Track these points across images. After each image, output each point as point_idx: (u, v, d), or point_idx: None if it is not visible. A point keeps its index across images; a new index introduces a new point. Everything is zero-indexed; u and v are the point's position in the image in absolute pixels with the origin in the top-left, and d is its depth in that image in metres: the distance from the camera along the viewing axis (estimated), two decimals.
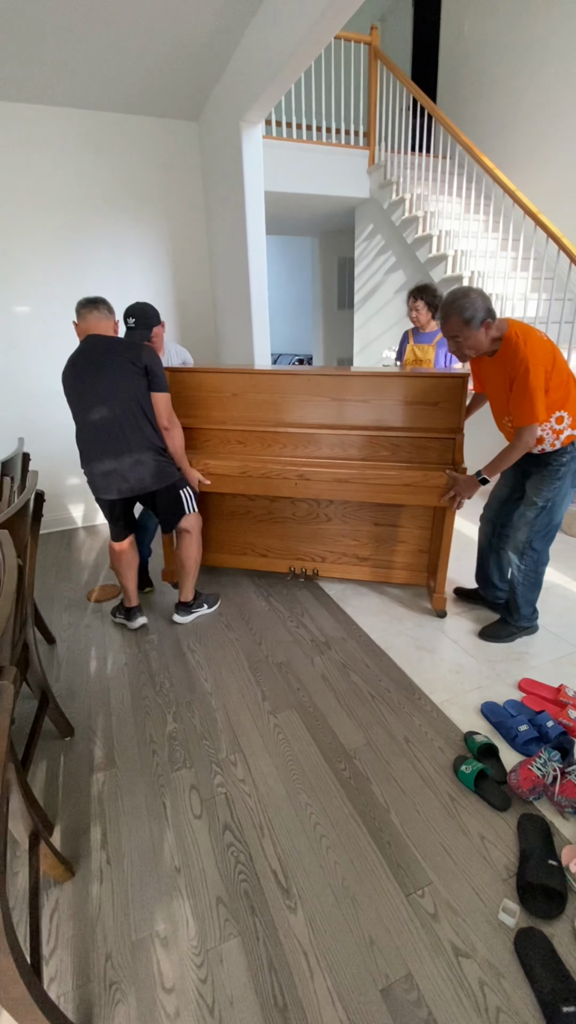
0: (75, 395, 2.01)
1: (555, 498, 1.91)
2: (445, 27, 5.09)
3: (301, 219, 5.64)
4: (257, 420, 2.44)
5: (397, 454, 2.29)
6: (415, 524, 2.49)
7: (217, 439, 2.46)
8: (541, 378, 1.72)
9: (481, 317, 1.73)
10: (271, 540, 2.71)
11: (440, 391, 2.23)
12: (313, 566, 2.67)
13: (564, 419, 1.81)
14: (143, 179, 3.44)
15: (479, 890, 1.24)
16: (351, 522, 2.56)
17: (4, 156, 3.07)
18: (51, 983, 1.11)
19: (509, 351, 1.76)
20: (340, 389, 2.34)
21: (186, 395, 2.50)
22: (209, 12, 2.28)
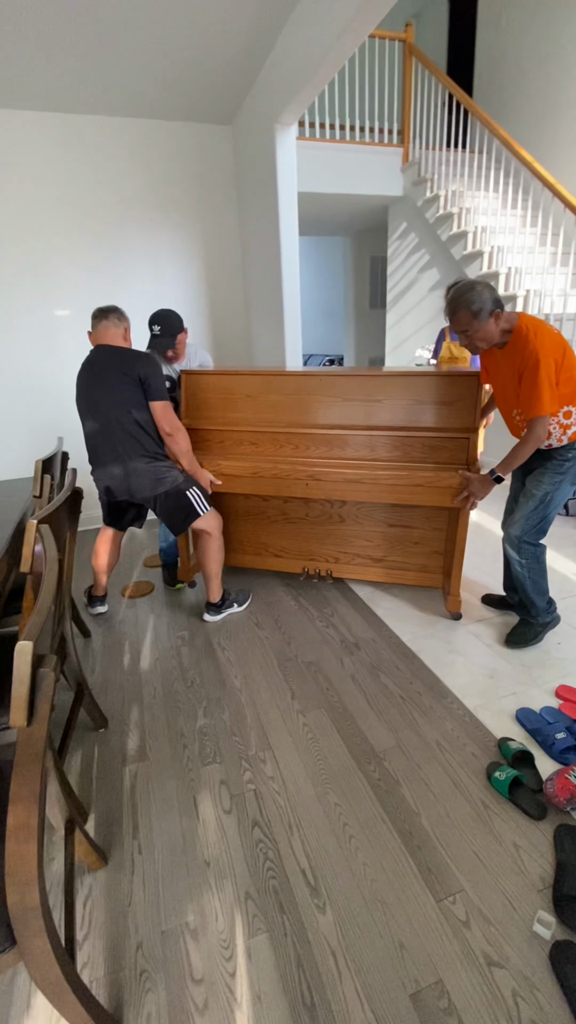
0: (80, 404, 2.13)
1: (554, 492, 1.89)
2: (482, 20, 5.00)
3: (334, 219, 5.63)
4: (270, 421, 2.45)
5: (409, 454, 2.27)
6: (430, 525, 2.46)
7: (230, 440, 2.49)
8: (552, 370, 1.70)
9: (489, 308, 1.72)
10: (285, 540, 2.72)
11: (454, 390, 2.20)
12: (327, 567, 2.67)
13: (573, 414, 1.78)
14: (177, 183, 3.51)
15: (512, 900, 1.21)
16: (365, 523, 2.55)
17: (45, 164, 3.18)
18: (84, 968, 1.13)
19: (520, 343, 1.74)
20: (352, 389, 2.32)
21: (201, 397, 2.53)
22: (244, 19, 2.31)
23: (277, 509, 2.67)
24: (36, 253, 3.32)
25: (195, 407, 2.54)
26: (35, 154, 3.15)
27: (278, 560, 2.75)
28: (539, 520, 1.93)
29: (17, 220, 3.22)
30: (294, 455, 2.39)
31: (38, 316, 3.43)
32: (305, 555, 2.70)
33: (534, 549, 2.00)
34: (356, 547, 2.60)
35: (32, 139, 3.12)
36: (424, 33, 5.93)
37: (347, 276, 7.03)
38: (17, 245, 3.26)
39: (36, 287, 3.37)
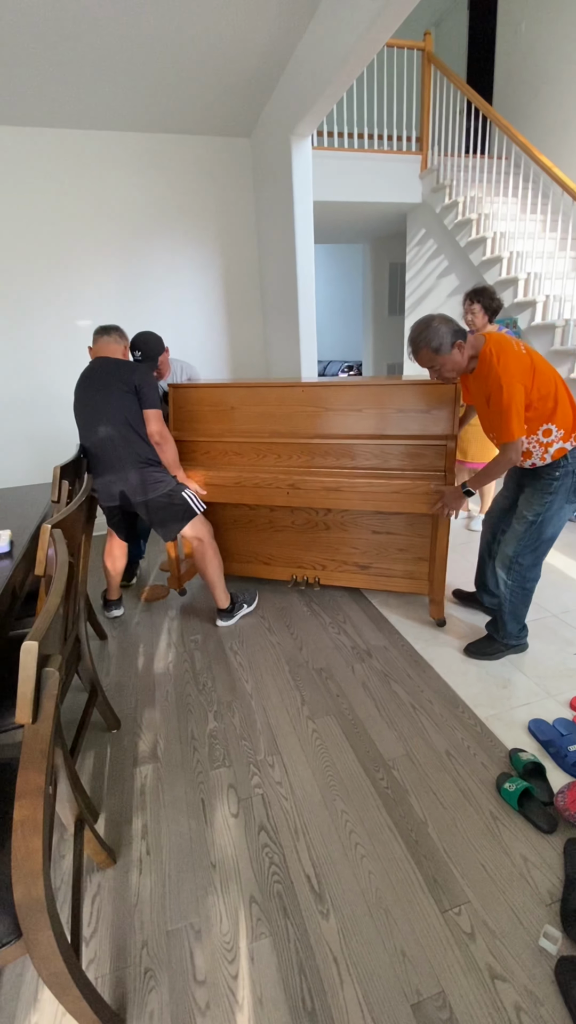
0: (78, 413, 2.19)
1: (546, 514, 1.83)
2: (502, 27, 4.99)
3: (352, 226, 5.66)
4: (253, 432, 2.50)
5: (388, 462, 2.29)
6: (414, 532, 2.46)
7: (216, 451, 2.54)
8: (518, 395, 1.67)
9: (449, 341, 1.72)
10: (273, 548, 2.75)
11: (432, 399, 2.23)
12: (315, 574, 2.68)
13: (552, 432, 1.74)
14: (197, 195, 3.58)
15: (519, 913, 1.19)
16: (350, 530, 2.56)
17: (68, 179, 3.28)
18: (90, 964, 1.16)
19: (484, 369, 1.73)
20: (334, 399, 2.37)
21: (188, 409, 2.59)
22: (261, 36, 2.36)
23: (264, 518, 2.70)
24: (60, 265, 3.42)
25: (183, 419, 2.62)
26: (60, 170, 3.26)
27: (267, 568, 2.79)
28: (534, 542, 1.87)
29: (43, 233, 3.33)
30: (276, 464, 2.43)
31: (61, 328, 3.53)
32: (293, 563, 2.73)
33: (524, 571, 1.93)
34: (343, 554, 2.62)
35: (58, 156, 3.23)
36: (444, 41, 5.94)
37: (365, 283, 7.05)
38: (43, 257, 3.37)
39: (59, 298, 3.48)
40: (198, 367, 3.69)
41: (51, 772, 0.92)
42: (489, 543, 2.24)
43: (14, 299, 3.40)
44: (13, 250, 3.31)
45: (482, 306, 2.76)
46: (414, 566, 2.50)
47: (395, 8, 1.81)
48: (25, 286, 3.39)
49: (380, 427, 2.32)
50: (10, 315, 3.43)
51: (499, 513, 2.16)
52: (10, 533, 1.64)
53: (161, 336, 2.51)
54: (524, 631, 2.10)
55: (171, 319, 3.78)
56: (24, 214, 3.27)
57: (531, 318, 3.72)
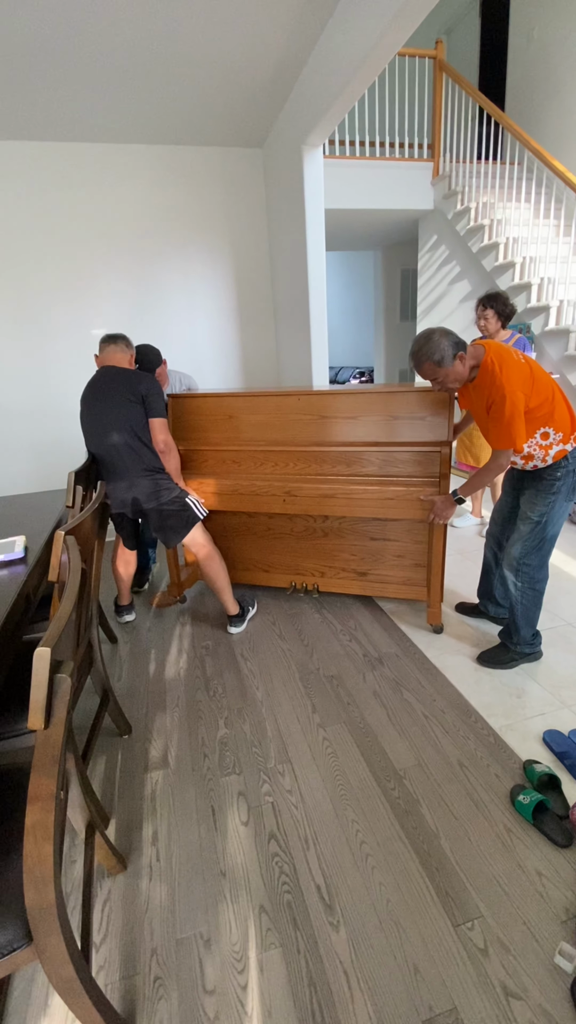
0: (84, 420, 2.22)
1: (549, 513, 1.86)
2: (514, 33, 4.99)
3: (364, 233, 5.67)
4: (251, 440, 2.53)
5: (384, 468, 2.30)
6: (411, 539, 2.45)
7: (214, 459, 2.56)
8: (520, 404, 1.70)
9: (451, 353, 1.73)
10: (272, 556, 2.76)
11: (427, 405, 2.24)
12: (314, 581, 2.68)
13: (550, 435, 1.77)
14: (210, 205, 3.62)
15: (534, 929, 1.17)
16: (348, 537, 2.57)
17: (83, 191, 3.34)
18: (100, 971, 1.16)
19: (487, 378, 1.75)
20: (330, 407, 2.39)
21: (187, 419, 2.64)
22: (273, 48, 2.39)
23: (263, 525, 2.72)
24: (74, 274, 3.48)
25: (182, 429, 2.66)
26: (75, 182, 3.32)
27: (267, 575, 2.80)
28: (538, 541, 1.90)
29: (59, 243, 3.39)
30: (273, 472, 2.45)
31: (76, 336, 3.58)
32: (292, 570, 2.74)
33: (532, 572, 1.94)
34: (341, 561, 2.62)
35: (73, 168, 3.29)
36: (455, 47, 5.96)
37: (377, 289, 7.05)
38: (58, 266, 3.43)
39: (74, 307, 3.53)
40: (197, 378, 3.73)
41: (62, 777, 0.93)
42: (495, 553, 2.23)
43: (30, 308, 3.46)
44: (30, 260, 3.38)
45: (495, 312, 2.75)
46: (412, 572, 2.50)
47: (406, 18, 1.82)
48: (41, 295, 3.46)
49: (375, 434, 2.35)
50: (26, 324, 3.49)
51: (502, 523, 2.16)
52: (24, 539, 1.66)
53: (159, 349, 2.56)
54: (537, 638, 2.08)
55: (184, 327, 3.82)
56: (41, 225, 3.33)
57: (545, 323, 3.69)
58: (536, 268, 3.82)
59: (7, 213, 3.26)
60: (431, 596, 2.34)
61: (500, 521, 2.17)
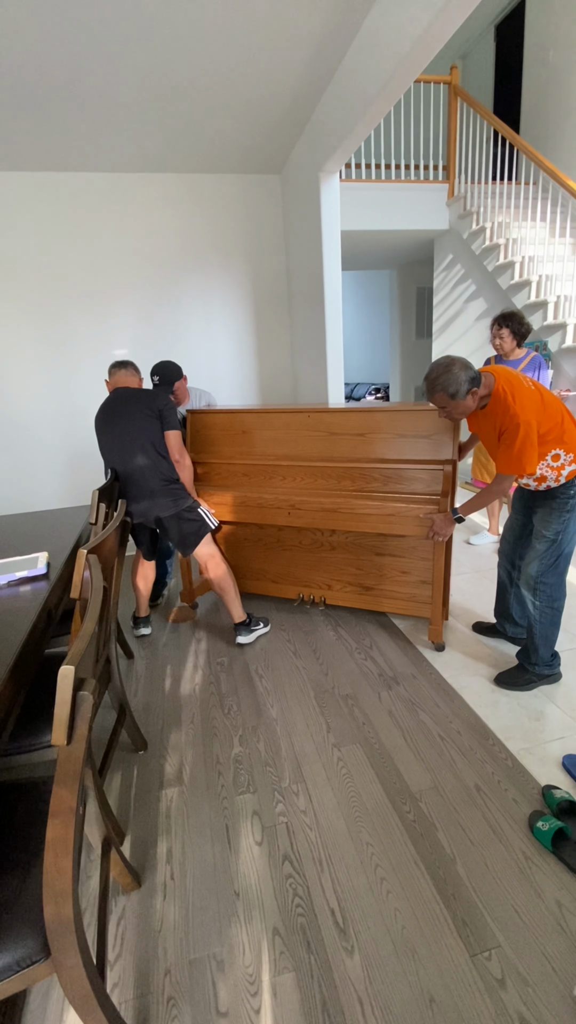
0: (103, 439, 2.31)
1: (564, 531, 1.87)
2: (528, 56, 5.07)
3: (380, 253, 5.76)
4: (262, 455, 2.61)
5: (388, 485, 2.33)
6: (416, 556, 2.46)
7: (227, 472, 2.64)
8: (534, 432, 1.72)
9: (466, 389, 1.75)
10: (281, 567, 2.80)
11: (432, 425, 2.27)
12: (321, 594, 2.71)
13: (560, 456, 1.79)
14: (229, 229, 3.73)
15: (552, 961, 1.14)
16: (354, 551, 2.59)
17: (109, 219, 3.47)
18: (114, 989, 1.16)
19: (499, 407, 1.76)
20: (337, 424, 2.45)
21: (203, 434, 2.73)
22: (292, 80, 2.48)
23: (273, 537, 2.76)
24: (98, 297, 3.60)
25: (199, 443, 2.76)
26: (101, 209, 3.45)
27: (275, 586, 2.84)
28: (555, 559, 1.90)
29: (84, 268, 3.52)
30: (281, 486, 2.51)
31: (99, 356, 3.69)
32: (300, 582, 2.77)
33: (551, 590, 1.93)
34: (348, 575, 2.65)
35: (99, 197, 3.43)
36: (471, 70, 6.08)
37: (393, 307, 7.12)
38: (83, 289, 3.56)
39: (98, 328, 3.65)
40: (215, 394, 3.80)
41: (82, 793, 0.95)
42: (508, 571, 2.22)
43: (56, 330, 3.59)
44: (57, 284, 3.51)
45: (511, 331, 2.77)
46: (416, 589, 2.51)
47: (424, 49, 1.88)
48: (67, 317, 3.58)
49: (381, 451, 2.39)
50: (53, 345, 3.61)
51: (513, 541, 2.16)
52: (47, 555, 1.71)
53: (180, 365, 2.63)
54: (556, 659, 2.05)
55: (203, 346, 3.91)
56: (69, 250, 3.47)
57: (562, 340, 3.69)
58: (552, 286, 3.83)
59: (38, 239, 3.40)
60: (433, 613, 2.35)
61: (512, 539, 2.17)
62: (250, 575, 2.89)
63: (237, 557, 2.89)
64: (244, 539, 2.84)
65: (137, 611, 2.68)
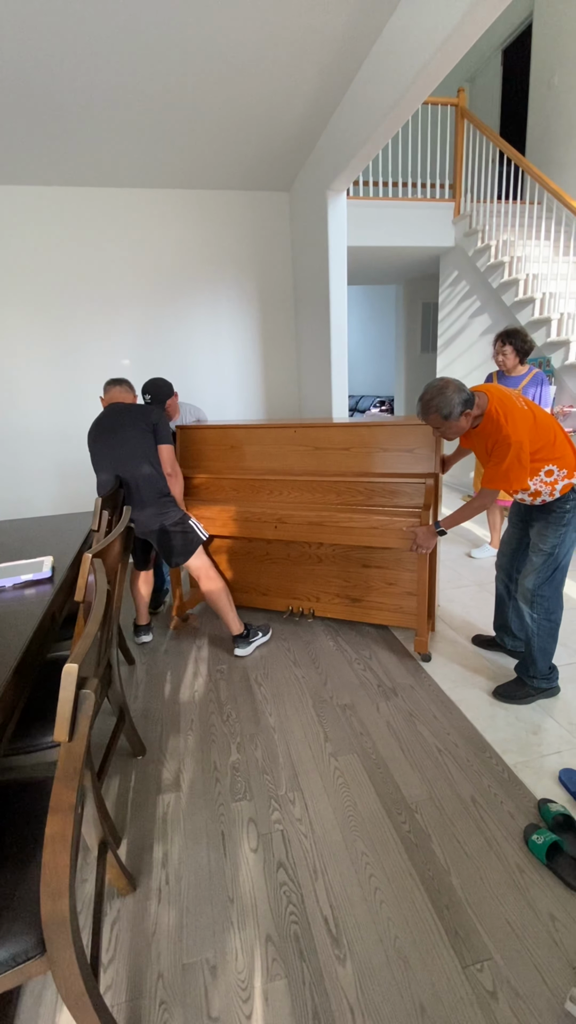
0: (97, 452, 2.36)
1: (560, 544, 1.89)
2: (535, 80, 5.18)
3: (387, 269, 5.84)
4: (250, 469, 2.67)
5: (372, 498, 2.37)
6: (401, 567, 2.50)
7: (215, 486, 2.69)
8: (526, 451, 1.76)
9: (459, 411, 1.79)
10: (270, 580, 2.83)
11: (415, 438, 2.33)
12: (310, 606, 2.74)
13: (554, 472, 1.83)
14: (237, 245, 3.81)
15: (545, 974, 1.14)
16: (341, 563, 2.62)
17: (118, 233, 3.55)
18: (107, 991, 1.17)
19: (491, 427, 1.81)
20: (323, 439, 2.52)
21: (193, 449, 2.80)
22: (302, 102, 2.55)
23: (262, 550, 2.80)
24: (106, 309, 3.67)
25: (189, 458, 2.82)
26: (110, 225, 3.54)
27: (265, 598, 2.86)
28: (551, 572, 1.92)
29: (93, 281, 3.59)
30: (268, 500, 2.55)
31: (106, 366, 3.76)
32: (289, 594, 2.80)
33: (548, 603, 1.95)
34: (335, 587, 2.67)
35: (107, 212, 3.52)
36: (478, 93, 6.21)
37: (399, 321, 7.20)
38: (91, 302, 3.63)
39: (105, 340, 3.72)
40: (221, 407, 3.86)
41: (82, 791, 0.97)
42: (506, 584, 2.24)
43: (65, 341, 3.66)
44: (66, 296, 3.58)
45: (514, 348, 2.81)
46: (403, 600, 2.54)
47: (431, 73, 1.94)
48: (75, 329, 3.65)
49: (365, 465, 2.44)
50: (61, 355, 3.67)
51: (510, 554, 2.19)
52: (52, 559, 1.74)
53: (171, 382, 2.72)
54: (554, 672, 2.05)
55: (209, 361, 3.97)
56: (76, 264, 3.55)
57: (564, 357, 3.73)
58: (556, 303, 3.88)
59: (46, 252, 3.48)
60: (419, 624, 2.38)
61: (508, 553, 2.19)
62: (240, 588, 2.93)
63: (227, 570, 2.94)
64: (234, 552, 2.88)
65: (137, 619, 2.71)
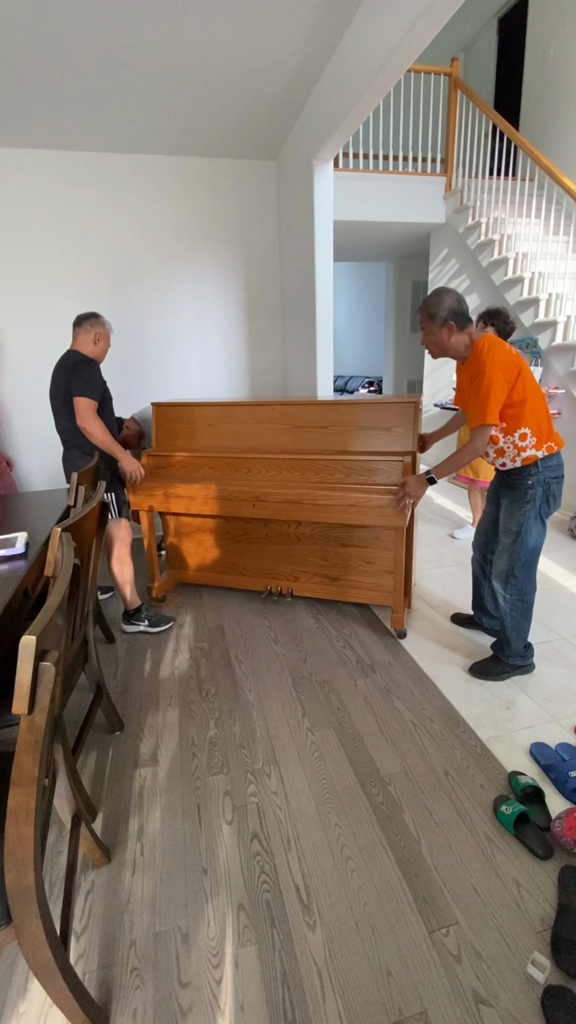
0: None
1: (526, 523, 1.89)
2: (530, 52, 5.05)
3: (376, 245, 5.74)
4: (227, 448, 2.64)
5: (350, 476, 2.36)
6: (379, 545, 2.51)
7: (192, 465, 2.64)
8: (499, 383, 1.73)
9: (443, 317, 1.78)
10: (248, 560, 2.82)
11: (392, 416, 2.34)
12: (288, 585, 2.74)
13: (527, 436, 1.81)
14: (223, 216, 3.69)
15: (508, 938, 1.18)
16: (320, 543, 2.62)
17: (97, 200, 3.42)
18: (79, 959, 1.18)
19: (473, 356, 1.81)
20: (301, 417, 2.51)
21: (169, 427, 2.77)
22: (288, 63, 2.45)
23: (240, 530, 2.78)
24: (86, 282, 3.55)
25: (164, 436, 2.79)
26: (90, 192, 3.40)
27: (243, 579, 2.86)
28: (520, 552, 1.92)
29: (71, 251, 3.47)
30: (246, 478, 2.52)
31: None
32: (267, 574, 2.80)
33: (520, 584, 1.96)
34: (313, 566, 2.68)
35: (88, 178, 3.38)
36: (472, 64, 6.04)
37: (388, 301, 7.11)
38: (71, 274, 3.51)
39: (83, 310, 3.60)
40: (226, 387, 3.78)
41: (46, 764, 0.96)
42: (482, 565, 2.25)
43: (44, 314, 3.54)
44: (43, 265, 3.46)
45: (495, 329, 2.78)
46: (380, 578, 2.56)
47: (420, 34, 1.86)
48: (55, 301, 3.53)
49: (344, 443, 2.43)
50: (39, 329, 3.56)
51: (485, 535, 2.19)
52: (26, 535, 1.71)
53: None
54: (530, 650, 2.08)
55: (194, 335, 3.88)
56: (54, 232, 3.41)
57: (552, 338, 3.71)
58: (545, 283, 3.85)
59: (22, 219, 3.35)
60: (395, 601, 2.40)
61: (483, 533, 2.20)
62: (217, 568, 2.91)
63: (205, 550, 2.91)
64: (212, 532, 2.86)
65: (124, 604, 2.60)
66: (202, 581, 2.96)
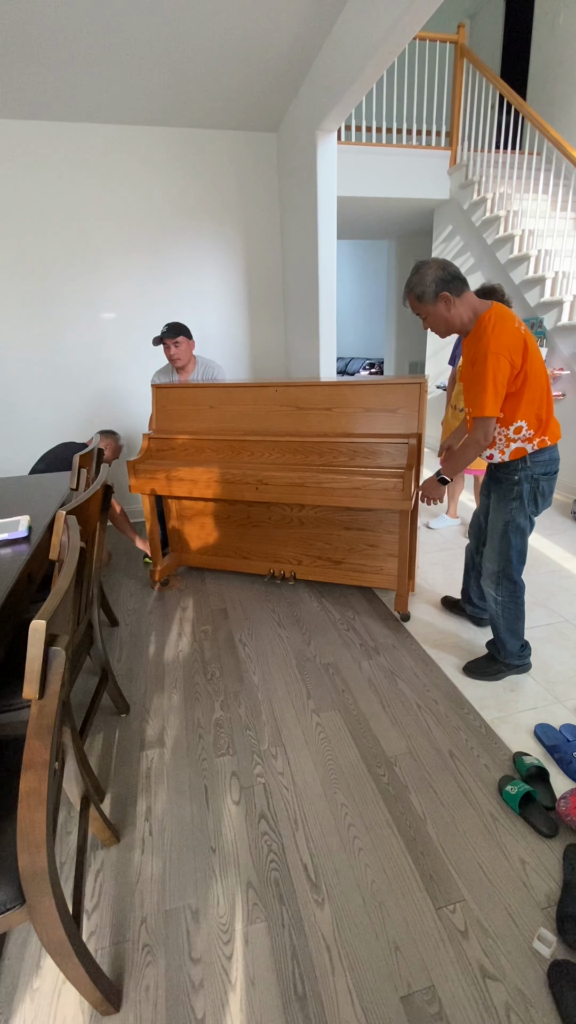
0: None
1: (512, 520, 1.80)
2: (538, 19, 4.88)
3: (378, 222, 5.61)
4: (230, 430, 2.62)
5: (355, 459, 2.34)
6: (383, 529, 2.50)
7: (194, 447, 2.63)
8: (502, 370, 1.57)
9: (433, 291, 1.61)
10: (251, 543, 2.81)
11: (398, 398, 2.30)
12: (291, 568, 2.73)
13: (523, 429, 1.68)
14: (222, 190, 3.59)
15: (514, 915, 1.19)
16: (323, 526, 2.61)
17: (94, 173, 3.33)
18: (91, 937, 1.20)
19: (478, 332, 1.62)
20: (304, 399, 2.47)
21: (171, 409, 2.74)
22: (290, 29, 2.36)
23: (243, 513, 2.77)
24: (84, 258, 3.47)
25: (166, 418, 2.75)
26: (86, 163, 3.30)
27: (246, 562, 2.85)
28: (508, 551, 1.84)
29: (69, 226, 3.38)
30: (249, 461, 2.50)
31: (84, 320, 3.59)
32: (270, 558, 2.79)
33: (513, 585, 1.89)
34: (317, 549, 2.67)
35: (84, 150, 3.28)
36: (478, 33, 5.84)
37: (390, 280, 6.99)
38: (68, 249, 3.43)
39: (84, 291, 3.53)
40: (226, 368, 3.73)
41: (57, 747, 0.96)
42: (473, 552, 2.19)
43: (42, 293, 3.47)
44: (40, 239, 3.37)
45: None
46: (384, 562, 2.55)
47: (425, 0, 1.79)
48: (52, 279, 3.46)
49: (348, 425, 2.40)
50: (37, 308, 3.49)
51: (480, 522, 2.11)
52: (28, 519, 1.69)
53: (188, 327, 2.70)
54: (526, 649, 2.03)
55: (192, 313, 3.81)
56: (50, 205, 3.32)
57: (558, 318, 3.65)
58: (551, 261, 3.78)
59: (17, 191, 3.25)
60: (399, 584, 2.39)
61: (479, 522, 2.12)
62: (220, 551, 2.90)
63: (207, 534, 2.89)
64: (214, 516, 2.84)
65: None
66: (205, 565, 2.95)
